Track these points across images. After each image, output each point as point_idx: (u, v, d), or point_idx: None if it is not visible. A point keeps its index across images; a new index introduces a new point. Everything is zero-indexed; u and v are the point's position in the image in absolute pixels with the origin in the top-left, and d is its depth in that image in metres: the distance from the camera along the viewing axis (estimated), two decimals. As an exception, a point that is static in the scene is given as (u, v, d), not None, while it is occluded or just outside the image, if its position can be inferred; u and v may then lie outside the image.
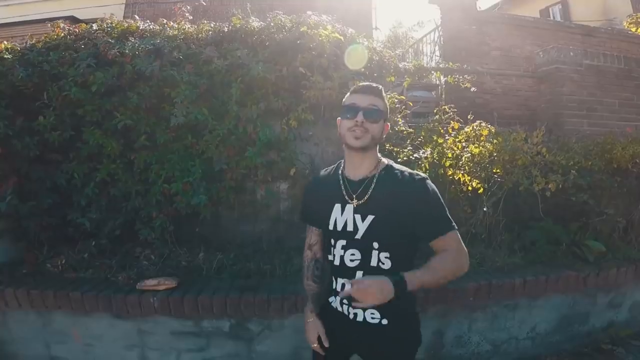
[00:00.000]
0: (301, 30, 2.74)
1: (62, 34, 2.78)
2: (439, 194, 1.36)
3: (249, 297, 2.27)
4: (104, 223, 2.59)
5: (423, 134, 2.72)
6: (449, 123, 2.80)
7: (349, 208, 1.37)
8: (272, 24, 2.84)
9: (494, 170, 2.62)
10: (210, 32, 2.88)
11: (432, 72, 3.74)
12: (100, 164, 2.60)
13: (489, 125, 2.75)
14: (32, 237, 2.62)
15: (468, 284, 2.34)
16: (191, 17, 3.24)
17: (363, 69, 2.81)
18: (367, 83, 1.41)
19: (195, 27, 2.94)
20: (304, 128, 2.78)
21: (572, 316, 2.68)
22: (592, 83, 4.04)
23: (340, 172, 1.46)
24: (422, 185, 1.34)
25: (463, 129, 2.77)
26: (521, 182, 2.55)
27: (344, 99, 1.42)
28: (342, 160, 1.49)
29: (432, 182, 1.38)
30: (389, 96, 2.90)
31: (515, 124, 3.23)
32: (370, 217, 1.33)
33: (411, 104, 2.96)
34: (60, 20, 2.96)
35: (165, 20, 3.01)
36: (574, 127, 3.74)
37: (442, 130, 2.76)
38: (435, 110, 2.93)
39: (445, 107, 2.87)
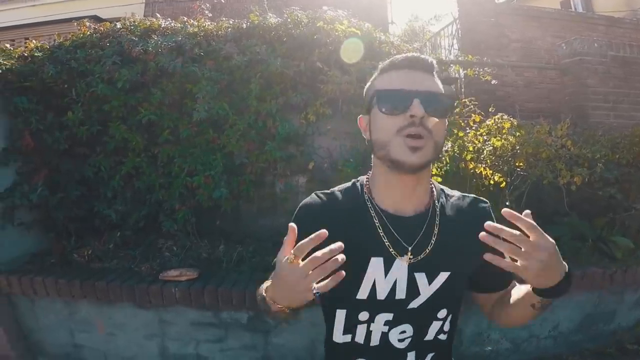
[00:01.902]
0: (317, 25, 2.76)
1: (88, 33, 2.86)
2: None
3: (267, 290, 2.30)
4: (129, 215, 2.66)
5: (443, 127, 2.69)
6: (470, 116, 2.76)
7: (400, 266, 0.86)
8: (288, 20, 2.86)
9: (517, 164, 2.56)
10: (230, 29, 2.92)
11: (451, 65, 3.69)
12: (125, 158, 2.67)
13: (511, 118, 2.70)
14: (61, 228, 2.72)
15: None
16: (210, 15, 3.29)
17: (380, 63, 2.79)
18: (415, 54, 0.86)
19: (215, 24, 2.98)
20: (322, 122, 2.79)
21: (597, 314, 2.61)
22: (618, 75, 3.91)
23: (369, 201, 0.90)
24: (491, 215, 0.94)
25: (484, 122, 2.72)
26: (545, 175, 2.49)
27: (371, 81, 0.91)
28: (360, 181, 0.96)
29: (453, 176, 1.08)
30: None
31: (538, 117, 3.16)
32: (443, 276, 0.87)
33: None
34: (86, 19, 3.05)
35: (185, 18, 3.06)
36: (599, 120, 3.64)
37: (462, 124, 2.72)
38: (455, 104, 2.89)
39: (466, 100, 2.83)
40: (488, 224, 0.72)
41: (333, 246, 0.68)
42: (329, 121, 2.77)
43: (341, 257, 0.67)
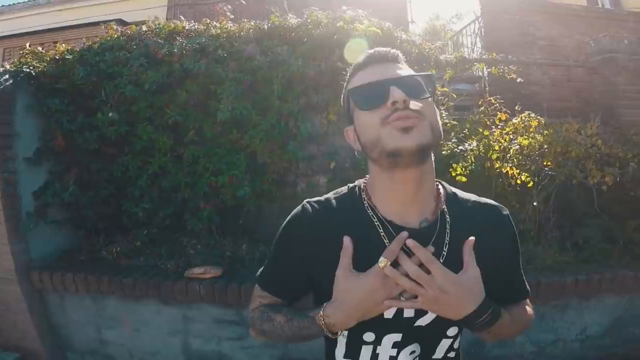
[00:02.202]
0: (337, 25, 2.76)
1: (115, 35, 2.94)
2: None
3: (288, 289, 2.31)
4: (155, 213, 2.72)
5: (468, 126, 2.66)
6: (495, 115, 2.71)
7: None
8: (308, 20, 2.87)
9: (545, 163, 2.50)
10: (251, 30, 2.94)
11: (475, 63, 3.63)
12: (152, 158, 2.73)
13: (538, 117, 2.64)
14: (90, 225, 2.80)
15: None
16: (232, 16, 3.32)
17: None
18: (379, 48, 0.82)
19: (237, 25, 3.02)
20: (343, 122, 2.77)
21: (627, 318, 2.52)
22: (650, 72, 3.78)
23: (369, 209, 0.81)
24: (510, 226, 0.86)
25: (510, 120, 2.67)
26: (574, 175, 2.43)
27: (344, 89, 0.85)
28: (358, 185, 0.87)
29: (478, 176, 0.96)
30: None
31: (566, 115, 3.07)
32: None
33: (455, 96, 2.89)
34: (112, 22, 3.14)
35: (208, 20, 3.11)
36: (631, 119, 3.51)
37: (488, 122, 2.67)
38: (479, 102, 2.85)
39: (491, 98, 2.78)
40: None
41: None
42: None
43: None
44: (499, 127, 2.66)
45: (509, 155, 2.54)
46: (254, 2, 5.41)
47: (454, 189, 0.87)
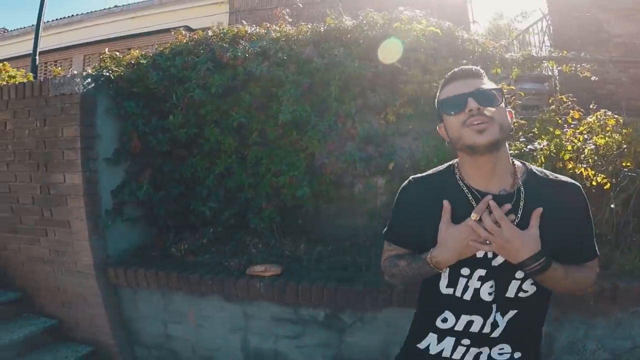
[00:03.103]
0: (394, 26, 2.75)
1: (184, 40, 3.10)
2: None
3: (345, 288, 2.30)
4: (221, 212, 2.83)
5: (538, 124, 2.51)
6: (567, 113, 2.54)
7: None
8: (364, 22, 2.87)
9: (624, 164, 2.31)
10: (309, 33, 2.99)
11: (544, 61, 3.43)
12: (218, 159, 2.85)
13: (616, 115, 2.44)
14: (162, 223, 2.96)
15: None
16: (290, 20, 3.40)
17: (465, 62, 2.71)
18: (463, 67, 1.09)
19: (295, 28, 3.08)
20: (402, 123, 2.75)
21: None
22: None
23: (460, 180, 1.10)
24: (583, 198, 1.06)
25: (584, 119, 2.50)
26: (657, 176, 2.22)
27: (437, 97, 1.12)
28: (453, 164, 1.15)
29: None
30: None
31: (648, 114, 2.83)
32: None
33: (523, 94, 2.75)
34: (181, 28, 3.33)
35: (268, 24, 3.21)
36: None
37: (559, 121, 2.52)
38: (550, 100, 2.69)
39: (562, 96, 2.62)
40: (489, 201, 1.00)
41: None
42: (410, 121, 2.72)
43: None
44: (572, 126, 2.49)
45: (583, 155, 2.37)
46: (309, 5, 5.53)
47: (535, 168, 1.11)
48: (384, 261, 1.22)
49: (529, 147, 2.36)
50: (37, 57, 3.59)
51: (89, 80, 2.70)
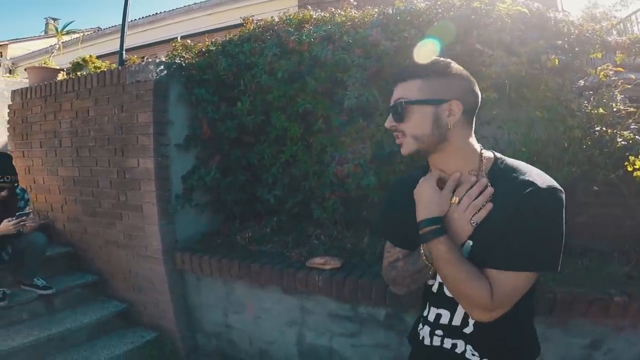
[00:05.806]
0: (473, 6, 2.50)
1: (252, 27, 3.09)
2: (562, 218, 0.91)
3: (410, 287, 2.13)
4: (285, 200, 2.80)
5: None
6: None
7: None
8: (438, 3, 2.66)
9: None
10: (376, 16, 2.85)
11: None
12: (284, 146, 2.81)
13: None
14: (228, 210, 2.99)
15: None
16: (355, 3, 3.27)
17: (560, 42, 2.42)
18: (402, 67, 1.05)
19: (361, 12, 2.95)
20: (485, 109, 2.46)
21: None
22: None
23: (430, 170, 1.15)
24: (542, 204, 0.90)
25: None
26: None
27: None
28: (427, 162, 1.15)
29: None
30: (599, 69, 2.34)
31: None
32: (468, 244, 0.98)
33: (634, 78, 2.32)
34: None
35: (333, 9, 3.09)
36: None
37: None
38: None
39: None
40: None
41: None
42: (494, 107, 2.44)
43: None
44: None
45: None
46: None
47: (509, 162, 1.00)
48: (384, 268, 1.19)
49: (636, 137, 1.99)
50: (123, 52, 3.80)
51: (162, 67, 2.79)
